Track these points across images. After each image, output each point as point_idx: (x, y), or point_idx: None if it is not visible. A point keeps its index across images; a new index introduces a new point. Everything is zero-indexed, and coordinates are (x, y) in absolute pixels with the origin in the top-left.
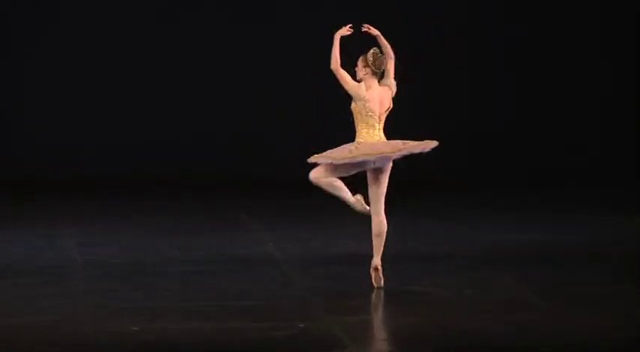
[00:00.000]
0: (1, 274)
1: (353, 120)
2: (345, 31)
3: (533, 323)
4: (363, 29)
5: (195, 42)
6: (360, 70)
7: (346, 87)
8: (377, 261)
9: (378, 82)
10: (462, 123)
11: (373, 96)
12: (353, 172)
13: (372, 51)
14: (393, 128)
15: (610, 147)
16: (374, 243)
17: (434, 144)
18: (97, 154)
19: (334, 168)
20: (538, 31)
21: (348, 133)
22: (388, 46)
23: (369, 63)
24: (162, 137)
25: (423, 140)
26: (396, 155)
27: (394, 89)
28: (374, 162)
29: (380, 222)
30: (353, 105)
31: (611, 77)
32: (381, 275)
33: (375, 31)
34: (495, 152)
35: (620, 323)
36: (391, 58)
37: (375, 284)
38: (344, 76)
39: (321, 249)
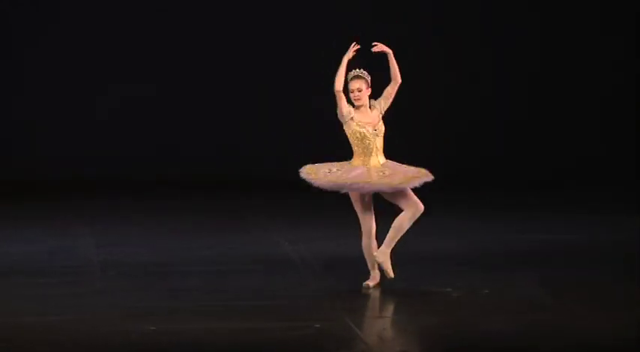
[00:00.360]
0: (3, 274)
1: (380, 143)
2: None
3: (535, 323)
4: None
5: (196, 42)
6: (366, 93)
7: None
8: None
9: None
10: (463, 124)
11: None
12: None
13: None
14: (397, 132)
15: (610, 147)
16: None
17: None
18: (97, 154)
19: None
20: (538, 31)
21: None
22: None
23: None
24: (162, 137)
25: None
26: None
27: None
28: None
29: None
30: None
31: (611, 77)
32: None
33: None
34: (496, 152)
35: (620, 323)
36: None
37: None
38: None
39: (331, 249)
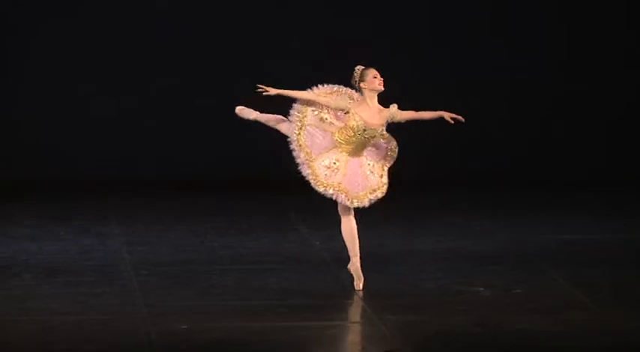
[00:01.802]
0: (3, 273)
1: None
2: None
3: (535, 323)
4: (262, 91)
5: (196, 42)
6: None
7: None
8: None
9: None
10: (463, 123)
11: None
12: None
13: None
14: (398, 132)
15: (610, 147)
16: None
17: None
18: (97, 154)
19: None
20: (536, 30)
21: None
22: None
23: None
24: (162, 137)
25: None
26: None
27: None
28: None
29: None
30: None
31: (611, 77)
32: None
33: (273, 91)
34: (496, 152)
35: (620, 323)
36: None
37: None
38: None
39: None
